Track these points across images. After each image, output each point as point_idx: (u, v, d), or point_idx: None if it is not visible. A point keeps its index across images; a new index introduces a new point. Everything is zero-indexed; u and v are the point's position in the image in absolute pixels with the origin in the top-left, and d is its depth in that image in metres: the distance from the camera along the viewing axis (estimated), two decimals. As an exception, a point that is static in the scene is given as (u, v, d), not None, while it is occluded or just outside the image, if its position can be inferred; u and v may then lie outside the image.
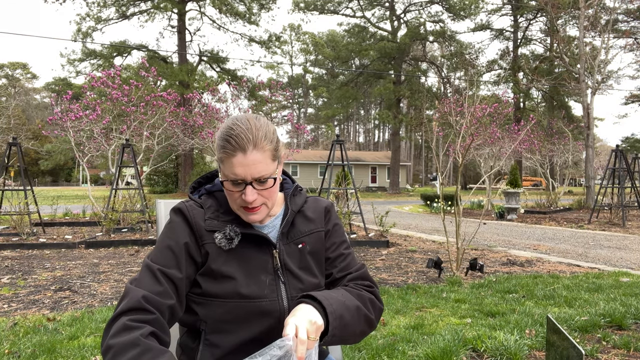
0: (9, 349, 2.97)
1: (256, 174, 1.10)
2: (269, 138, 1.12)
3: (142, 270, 1.09)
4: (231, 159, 1.09)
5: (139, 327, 0.96)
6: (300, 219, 1.26)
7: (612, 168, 12.17)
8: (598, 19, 21.02)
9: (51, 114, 12.87)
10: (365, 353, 2.84)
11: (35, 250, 7.46)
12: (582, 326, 3.31)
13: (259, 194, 1.13)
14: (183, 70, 28.41)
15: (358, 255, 7.09)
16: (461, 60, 35.34)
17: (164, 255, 1.11)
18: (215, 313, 1.13)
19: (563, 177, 32.53)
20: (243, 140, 1.08)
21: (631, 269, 5.95)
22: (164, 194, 31.48)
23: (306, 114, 71.53)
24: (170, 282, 1.08)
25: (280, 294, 1.16)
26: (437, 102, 28.67)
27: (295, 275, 1.19)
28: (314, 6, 37.89)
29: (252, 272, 1.16)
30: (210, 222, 1.17)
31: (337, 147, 9.26)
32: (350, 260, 1.29)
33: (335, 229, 1.31)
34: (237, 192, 1.12)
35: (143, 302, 1.00)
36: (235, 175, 1.09)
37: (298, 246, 1.22)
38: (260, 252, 1.18)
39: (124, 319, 0.97)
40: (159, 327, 1.00)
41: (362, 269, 1.28)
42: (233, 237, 1.15)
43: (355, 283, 1.24)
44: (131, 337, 0.92)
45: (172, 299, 1.07)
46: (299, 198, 1.29)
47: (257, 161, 1.09)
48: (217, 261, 1.14)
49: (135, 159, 9.85)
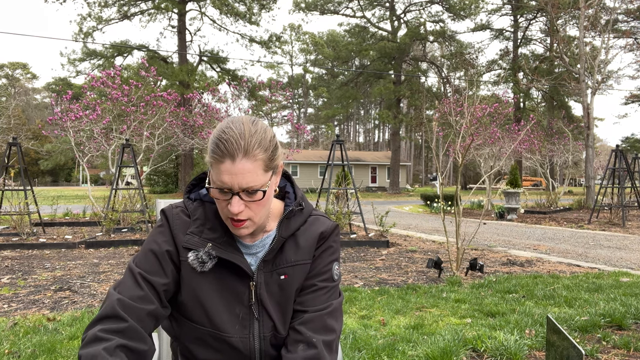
0: (9, 349, 2.97)
1: (244, 184, 0.99)
2: (263, 146, 1.02)
3: (125, 274, 1.07)
4: (219, 165, 0.99)
5: (107, 339, 0.94)
6: (292, 245, 1.14)
7: (612, 168, 12.17)
8: (598, 19, 21.01)
9: (51, 114, 12.87)
10: (365, 353, 2.84)
11: (35, 250, 7.46)
12: (582, 326, 3.31)
13: (246, 206, 1.03)
14: (183, 70, 28.40)
15: (358, 255, 7.09)
16: (461, 60, 35.34)
17: (147, 259, 1.07)
18: (188, 335, 1.11)
19: (563, 177, 32.55)
20: (233, 146, 0.98)
21: (631, 269, 5.94)
22: (164, 194, 31.49)
23: (306, 114, 71.53)
24: (151, 287, 1.04)
25: (252, 332, 1.10)
26: (437, 102, 28.67)
27: (269, 314, 1.11)
28: (314, 6, 37.91)
29: (226, 301, 1.09)
30: (191, 237, 1.09)
31: (337, 147, 9.26)
32: (322, 295, 1.12)
33: (323, 255, 1.15)
34: (223, 200, 1.03)
35: (118, 309, 0.98)
36: (222, 183, 1.00)
37: (280, 277, 1.11)
38: (237, 281, 1.10)
39: (97, 328, 0.96)
40: (132, 335, 0.97)
41: (323, 310, 1.11)
42: (206, 260, 1.07)
43: (300, 333, 1.09)
44: (95, 351, 0.92)
45: (152, 304, 1.03)
46: (295, 220, 1.14)
47: (245, 170, 0.99)
48: (191, 282, 1.09)
49: (135, 159, 9.85)
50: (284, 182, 1.23)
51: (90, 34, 29.54)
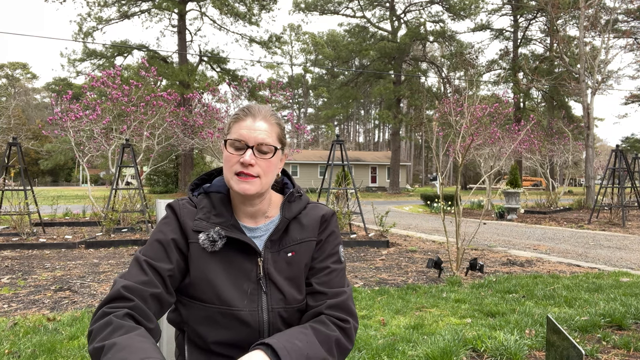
0: (9, 349, 2.97)
1: (260, 139, 1.14)
2: (277, 118, 1.21)
3: (131, 263, 1.12)
4: (240, 122, 1.16)
5: (114, 311, 1.01)
6: (296, 226, 1.22)
7: (612, 168, 12.17)
8: (598, 19, 21.00)
9: (51, 114, 12.87)
10: (365, 353, 2.84)
11: (35, 250, 7.46)
12: (582, 326, 3.31)
13: (256, 162, 1.14)
14: (183, 70, 28.41)
15: (358, 255, 7.09)
16: (461, 60, 35.33)
17: (152, 248, 1.13)
18: (196, 316, 1.14)
19: (563, 177, 32.54)
20: (254, 110, 1.18)
21: (631, 269, 5.95)
22: (164, 194, 31.48)
23: (306, 114, 71.52)
24: (155, 272, 1.09)
25: (260, 305, 1.14)
26: (437, 102, 28.67)
27: (278, 287, 1.16)
28: (314, 7, 37.90)
29: (235, 278, 1.15)
30: (199, 222, 1.17)
31: (337, 147, 9.26)
32: (335, 277, 1.21)
33: (329, 239, 1.24)
34: (236, 155, 1.14)
35: (122, 291, 1.04)
36: (240, 136, 1.14)
37: (287, 255, 1.19)
38: (245, 259, 1.16)
39: (104, 308, 1.02)
40: (138, 312, 1.03)
41: (342, 296, 1.18)
42: (216, 239, 1.14)
43: (329, 315, 1.15)
44: (106, 320, 0.99)
45: (157, 287, 1.08)
46: (296, 205, 1.24)
47: (262, 128, 1.15)
48: (199, 262, 1.14)
49: (135, 159, 9.85)
50: (283, 178, 1.33)
51: (91, 34, 29.54)
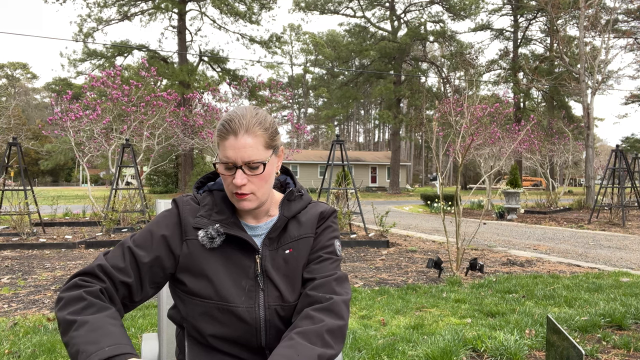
0: (9, 349, 2.97)
1: (246, 157, 1.10)
2: (263, 125, 1.14)
3: (117, 245, 1.15)
4: (224, 141, 1.12)
5: (88, 285, 1.04)
6: (294, 224, 1.23)
7: (612, 168, 12.17)
8: (598, 19, 21.00)
9: (51, 114, 12.87)
10: (365, 353, 2.84)
11: (35, 250, 7.46)
12: (582, 326, 3.31)
13: (249, 180, 1.12)
14: (183, 70, 28.40)
15: (358, 255, 7.08)
16: (461, 60, 35.32)
17: (141, 237, 1.15)
18: (195, 311, 1.15)
19: (563, 177, 32.55)
20: (236, 124, 1.11)
21: (631, 269, 5.94)
22: (164, 194, 31.47)
23: (306, 114, 71.52)
24: (133, 262, 1.11)
25: (257, 302, 1.15)
26: (437, 102, 28.66)
27: (275, 284, 1.17)
28: (314, 6, 37.89)
29: (233, 275, 1.16)
30: (200, 219, 1.18)
31: (337, 147, 9.26)
32: (326, 264, 1.20)
33: (324, 232, 1.24)
34: (229, 176, 1.13)
35: (97, 270, 1.07)
36: (227, 158, 1.11)
37: (285, 252, 1.19)
38: (243, 256, 1.17)
39: (77, 279, 1.06)
40: (108, 293, 1.06)
41: (330, 277, 1.17)
42: (215, 236, 1.15)
43: (312, 300, 1.13)
44: (78, 293, 1.02)
45: (129, 277, 1.09)
46: (295, 204, 1.24)
47: (247, 145, 1.11)
48: (198, 259, 1.15)
49: (135, 159, 9.85)
50: (285, 177, 1.34)
51: (91, 34, 29.55)
